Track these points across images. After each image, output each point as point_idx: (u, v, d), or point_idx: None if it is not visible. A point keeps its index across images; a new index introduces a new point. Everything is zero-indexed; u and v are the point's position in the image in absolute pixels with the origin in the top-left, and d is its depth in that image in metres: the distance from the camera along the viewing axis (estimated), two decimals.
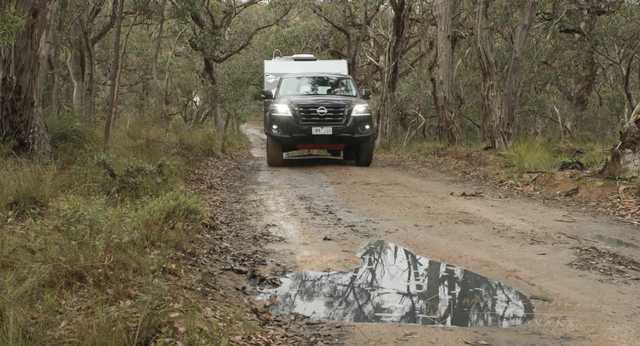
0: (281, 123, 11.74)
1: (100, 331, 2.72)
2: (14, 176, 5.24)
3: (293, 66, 16.19)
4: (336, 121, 11.65)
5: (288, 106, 11.78)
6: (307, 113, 11.63)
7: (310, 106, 11.75)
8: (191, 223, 4.98)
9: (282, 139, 11.91)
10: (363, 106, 12.04)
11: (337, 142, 12.09)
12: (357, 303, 4.07)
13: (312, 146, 12.73)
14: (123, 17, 16.07)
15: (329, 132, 11.62)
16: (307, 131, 11.62)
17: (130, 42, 22.04)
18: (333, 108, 11.72)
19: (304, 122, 11.63)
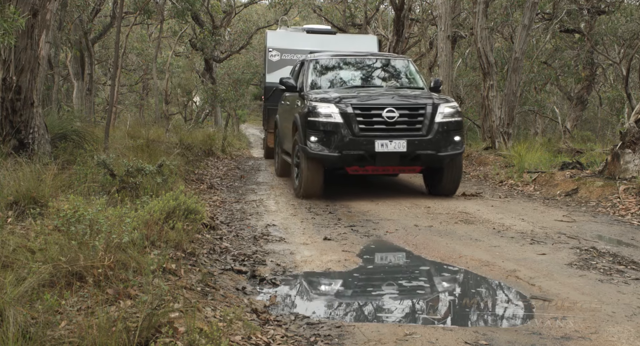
0: (325, 133, 7.40)
1: (100, 331, 2.72)
2: (14, 176, 5.24)
3: (306, 41, 12.71)
4: (413, 130, 7.42)
5: (335, 105, 7.41)
6: (368, 118, 7.36)
7: (372, 106, 7.46)
8: (191, 223, 4.98)
9: (326, 158, 7.42)
10: (451, 106, 7.74)
11: (411, 164, 7.66)
12: (357, 303, 4.07)
13: (372, 169, 7.72)
14: (123, 17, 16.08)
15: (402, 148, 7.30)
16: (367, 147, 7.30)
17: (130, 42, 22.05)
18: (408, 110, 7.48)
19: (363, 133, 7.32)
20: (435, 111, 7.53)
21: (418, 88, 8.70)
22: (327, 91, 8.22)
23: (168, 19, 19.19)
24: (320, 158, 7.49)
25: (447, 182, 7.98)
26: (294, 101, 8.79)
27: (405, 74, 9.17)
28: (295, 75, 9.71)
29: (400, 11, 18.02)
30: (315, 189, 7.74)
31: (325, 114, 7.44)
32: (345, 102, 7.46)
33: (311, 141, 7.46)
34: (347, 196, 8.11)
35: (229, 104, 21.98)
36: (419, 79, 9.03)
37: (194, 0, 14.52)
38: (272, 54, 12.81)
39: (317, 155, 7.46)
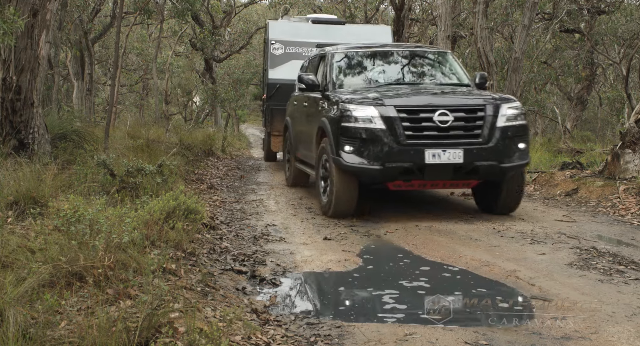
0: (363, 142, 6.13)
1: (100, 331, 2.72)
2: (14, 176, 5.24)
3: (312, 32, 11.43)
4: (470, 137, 6.15)
5: (375, 107, 6.14)
6: (416, 122, 6.10)
7: (420, 108, 6.17)
8: (191, 223, 4.98)
9: (364, 172, 6.19)
10: (514, 107, 6.41)
11: (466, 178, 6.33)
12: (357, 303, 4.07)
13: (419, 184, 6.40)
14: (123, 17, 16.08)
15: (458, 158, 6.03)
16: (415, 157, 6.03)
17: (131, 42, 22.05)
18: (464, 112, 6.21)
19: (410, 141, 6.05)
20: (497, 113, 6.19)
21: (462, 85, 7.37)
22: (359, 89, 6.90)
23: (168, 19, 19.19)
24: (357, 172, 6.22)
25: (507, 198, 6.61)
26: (316, 101, 7.34)
27: (446, 68, 7.77)
28: (311, 71, 8.30)
29: (400, 11, 18.02)
30: (348, 207, 6.47)
31: (364, 118, 6.13)
32: (386, 104, 6.13)
33: (346, 151, 6.19)
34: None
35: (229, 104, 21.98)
36: (463, 74, 7.63)
37: (194, 0, 14.52)
38: (275, 47, 11.31)
39: (353, 168, 6.17)
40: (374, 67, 7.70)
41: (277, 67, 11.21)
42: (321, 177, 6.88)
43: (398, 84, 7.23)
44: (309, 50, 10.95)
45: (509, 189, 6.56)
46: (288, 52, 11.22)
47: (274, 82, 11.17)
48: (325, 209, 6.68)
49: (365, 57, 7.81)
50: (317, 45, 10.48)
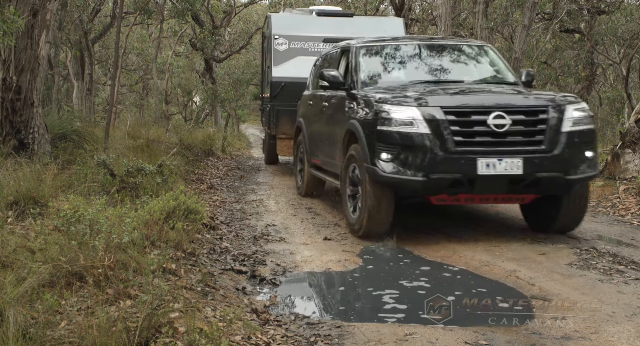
0: (404, 149, 5.27)
1: (100, 331, 2.72)
2: (14, 176, 5.25)
3: (318, 25, 10.64)
4: (531, 144, 5.26)
5: (418, 108, 5.28)
6: (467, 126, 5.22)
7: (472, 109, 5.31)
8: (191, 223, 4.98)
9: (405, 184, 5.31)
10: (581, 108, 5.54)
11: (524, 192, 5.46)
12: (357, 303, 4.07)
13: (466, 198, 5.56)
14: (123, 17, 16.08)
15: (517, 169, 5.16)
16: (466, 168, 5.17)
17: (130, 42, 22.05)
18: (523, 114, 5.32)
19: (460, 148, 5.17)
20: (562, 116, 5.30)
21: (508, 83, 6.46)
22: (393, 88, 5.98)
23: (168, 19, 19.19)
24: (396, 183, 5.32)
25: (568, 215, 5.67)
26: (340, 102, 6.46)
27: (488, 64, 6.83)
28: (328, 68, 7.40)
29: (400, 11, 18.03)
30: (383, 223, 5.55)
31: (404, 121, 5.24)
32: (431, 104, 5.25)
33: (382, 160, 5.30)
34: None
35: (229, 104, 21.98)
36: (508, 70, 6.72)
37: (194, 0, 14.52)
38: (279, 42, 10.39)
39: (390, 179, 5.28)
40: (406, 63, 6.75)
41: (282, 64, 10.35)
42: (349, 189, 5.97)
43: (435, 82, 6.30)
44: (315, 45, 10.31)
45: (572, 205, 5.60)
46: (292, 48, 10.35)
47: (279, 80, 10.25)
48: (355, 228, 5.71)
49: (395, 51, 6.88)
50: (323, 40, 10.00)
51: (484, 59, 6.92)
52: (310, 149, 7.85)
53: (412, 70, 6.63)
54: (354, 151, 5.79)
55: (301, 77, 9.22)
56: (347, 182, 6.00)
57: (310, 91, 8.20)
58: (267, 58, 11.29)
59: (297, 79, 9.53)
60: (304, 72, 9.09)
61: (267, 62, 11.03)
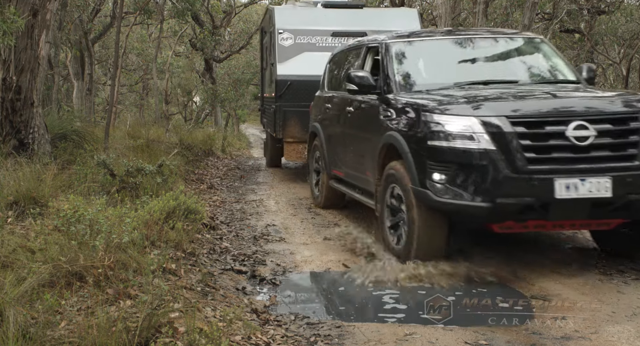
0: (462, 168, 4.39)
1: (100, 331, 2.72)
2: (14, 176, 5.24)
3: (325, 18, 9.82)
4: (621, 159, 4.32)
5: (478, 118, 4.35)
6: (541, 140, 4.29)
7: (546, 118, 4.35)
8: (191, 223, 4.98)
9: (464, 210, 4.40)
10: None
11: (610, 217, 4.48)
12: (357, 303, 4.07)
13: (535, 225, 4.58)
14: (123, 17, 16.08)
15: (604, 191, 4.22)
16: (540, 190, 4.23)
17: (130, 42, 22.05)
18: (610, 123, 4.37)
19: (533, 167, 4.24)
20: None
21: (569, 81, 5.52)
22: (440, 92, 5.02)
23: (168, 19, 19.19)
24: (453, 210, 4.41)
25: None
26: (372, 107, 5.55)
27: (543, 59, 5.82)
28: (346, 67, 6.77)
29: None
30: (435, 251, 4.62)
31: (462, 134, 4.31)
32: (493, 113, 4.31)
33: (435, 181, 4.41)
34: None
35: (229, 104, 21.98)
36: (567, 66, 5.74)
37: (194, 0, 14.52)
38: (283, 38, 9.48)
39: (446, 205, 4.37)
40: (448, 61, 5.71)
41: (287, 61, 9.43)
42: (388, 215, 5.08)
43: (485, 83, 5.26)
44: (323, 40, 9.46)
45: None
46: (299, 43, 9.43)
47: (284, 78, 9.27)
48: (403, 254, 4.74)
49: (434, 47, 5.89)
50: (332, 34, 9.26)
51: (537, 53, 5.88)
52: (329, 158, 6.84)
53: (456, 69, 5.61)
54: (395, 169, 4.85)
55: (309, 75, 8.71)
56: (386, 205, 5.08)
57: (326, 92, 7.23)
58: (269, 55, 10.38)
59: (305, 76, 8.96)
60: (312, 69, 8.57)
61: (271, 59, 10.08)
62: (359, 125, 5.95)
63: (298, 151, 9.32)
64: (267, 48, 10.99)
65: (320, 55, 8.65)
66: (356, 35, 8.67)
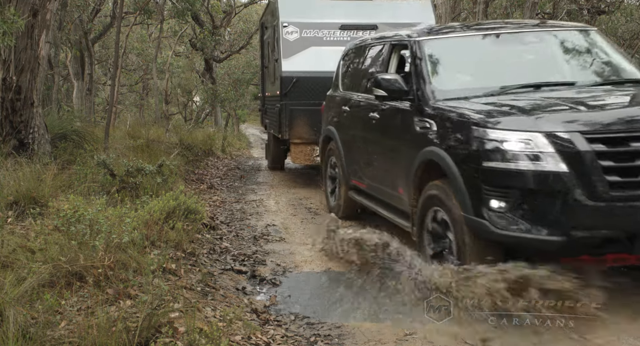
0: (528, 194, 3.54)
1: (100, 331, 2.72)
2: (14, 176, 5.25)
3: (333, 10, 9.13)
4: None
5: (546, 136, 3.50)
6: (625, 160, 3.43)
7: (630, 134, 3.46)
8: (191, 223, 4.99)
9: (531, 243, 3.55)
10: None
11: None
12: (357, 303, 4.07)
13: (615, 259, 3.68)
14: (123, 17, 16.08)
15: None
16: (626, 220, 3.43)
17: (131, 42, 22.06)
18: None
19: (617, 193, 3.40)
20: None
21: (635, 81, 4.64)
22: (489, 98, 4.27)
23: (168, 19, 19.19)
24: (515, 243, 3.65)
25: None
26: (402, 116, 4.79)
27: (599, 55, 4.93)
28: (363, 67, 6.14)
29: None
30: None
31: (526, 153, 3.55)
32: (563, 127, 3.54)
33: (494, 210, 3.66)
34: None
35: (229, 104, 21.98)
36: (629, 62, 4.90)
37: (194, 0, 14.52)
38: (288, 31, 8.82)
39: (507, 238, 3.61)
40: (490, 60, 4.88)
41: (293, 57, 8.80)
42: (430, 239, 4.31)
43: (537, 86, 4.43)
44: (331, 34, 8.88)
45: None
46: (305, 37, 8.84)
47: (290, 75, 8.69)
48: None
49: (472, 45, 5.00)
50: (341, 27, 8.68)
51: (593, 49, 4.98)
52: (349, 167, 6.10)
53: (501, 70, 4.79)
54: (438, 191, 4.11)
55: (316, 71, 8.33)
56: (426, 230, 4.32)
57: (342, 93, 6.45)
58: (272, 51, 9.83)
59: (312, 73, 8.47)
60: (320, 65, 8.26)
61: (274, 55, 9.46)
62: (387, 135, 5.10)
63: (306, 153, 8.75)
64: (269, 44, 10.48)
65: (328, 50, 8.34)
66: (366, 29, 8.51)
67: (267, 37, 10.65)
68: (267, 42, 10.69)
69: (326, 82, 7.32)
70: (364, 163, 5.74)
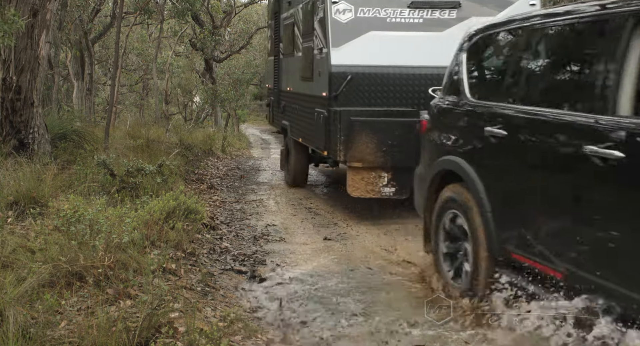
0: None
1: (100, 331, 2.72)
2: (14, 176, 5.25)
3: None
4: None
5: None
6: None
7: None
8: (191, 223, 4.99)
9: None
10: None
11: None
12: (357, 303, 4.07)
13: None
14: (123, 17, 16.09)
15: None
16: None
17: (131, 42, 22.06)
18: None
19: None
20: None
21: None
22: None
23: (168, 19, 19.19)
24: None
25: None
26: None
27: None
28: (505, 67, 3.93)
29: None
30: None
31: None
32: None
33: None
34: None
35: (229, 104, 21.98)
36: None
37: (194, 0, 14.52)
38: (339, 9, 6.56)
39: None
40: None
41: (346, 45, 6.53)
42: None
43: None
44: (396, 14, 6.52)
45: None
46: (361, 18, 6.53)
47: (343, 71, 6.44)
48: None
49: None
50: (410, 4, 6.46)
51: None
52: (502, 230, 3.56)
53: None
54: None
55: (380, 66, 6.38)
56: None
57: (473, 103, 4.07)
58: (307, 34, 7.44)
59: (375, 68, 6.40)
60: (384, 57, 6.37)
61: (312, 40, 7.14)
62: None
63: (370, 182, 6.27)
64: (294, 26, 8.18)
65: (393, 36, 6.42)
66: (445, 7, 6.48)
67: (290, 17, 8.46)
68: (289, 23, 8.47)
69: (394, 82, 6.09)
70: (550, 230, 3.23)
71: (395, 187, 6.21)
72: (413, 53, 6.28)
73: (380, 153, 6.15)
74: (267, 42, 11.25)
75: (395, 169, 6.13)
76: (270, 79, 10.21)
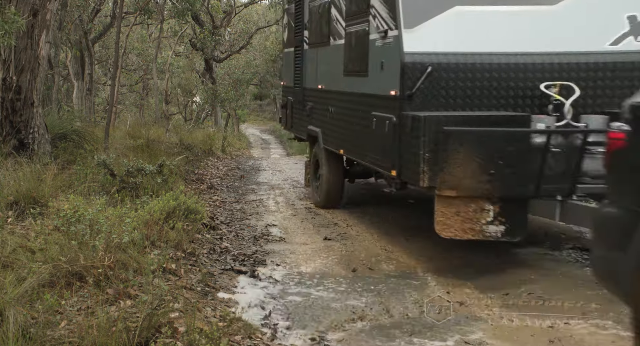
0: None
1: (100, 331, 2.72)
2: (14, 176, 5.25)
3: None
4: None
5: None
6: None
7: None
8: (191, 223, 4.99)
9: None
10: None
11: None
12: (357, 303, 4.08)
13: None
14: (123, 17, 16.08)
15: None
16: None
17: (131, 42, 22.05)
18: None
19: None
20: None
21: None
22: None
23: (168, 19, 19.18)
24: None
25: None
26: None
27: None
28: None
29: None
30: None
31: None
32: None
33: None
34: None
35: (229, 104, 21.97)
36: None
37: (194, 0, 14.52)
38: None
39: None
40: None
41: (423, 25, 4.79)
42: None
43: None
44: None
45: None
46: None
47: (420, 60, 4.75)
48: None
49: None
50: None
51: None
52: None
53: None
54: None
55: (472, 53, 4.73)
56: None
57: None
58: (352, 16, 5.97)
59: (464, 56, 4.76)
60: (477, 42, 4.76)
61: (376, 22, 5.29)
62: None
63: (468, 218, 4.38)
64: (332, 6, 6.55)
65: (487, 12, 4.80)
66: None
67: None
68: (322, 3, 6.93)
69: (494, 76, 4.63)
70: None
71: (505, 225, 4.31)
72: (515, 35, 4.66)
73: (485, 177, 4.26)
74: (283, 32, 9.39)
75: (505, 201, 4.29)
76: (289, 75, 8.46)
